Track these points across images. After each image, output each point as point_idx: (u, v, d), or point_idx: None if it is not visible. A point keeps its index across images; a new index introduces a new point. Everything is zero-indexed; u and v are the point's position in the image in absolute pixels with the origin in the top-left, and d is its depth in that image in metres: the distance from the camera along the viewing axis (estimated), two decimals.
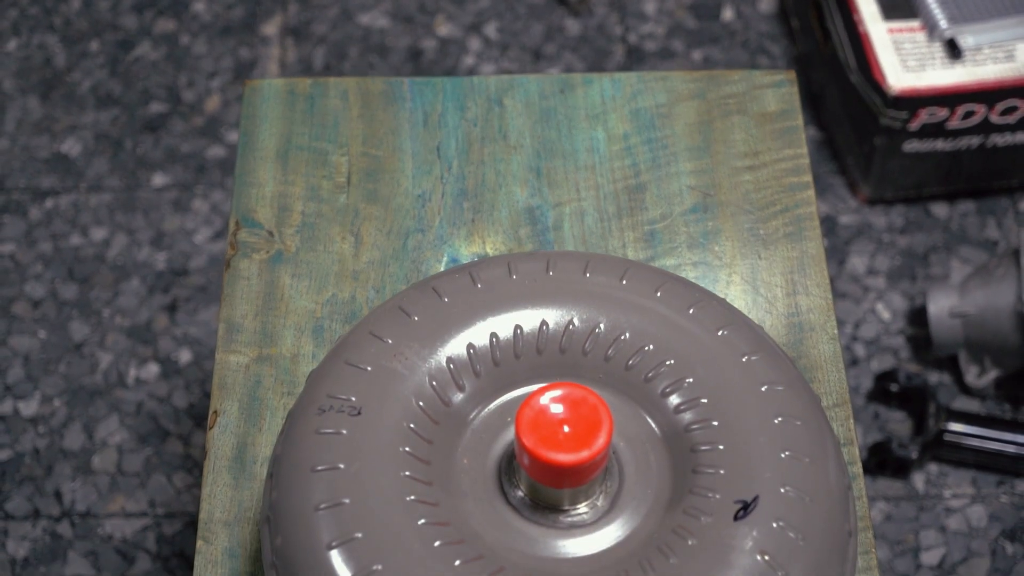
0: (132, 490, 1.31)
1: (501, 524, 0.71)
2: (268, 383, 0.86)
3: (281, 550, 0.70)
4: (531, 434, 0.67)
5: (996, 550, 1.30)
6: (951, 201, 1.55)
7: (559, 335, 0.75)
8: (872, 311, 1.45)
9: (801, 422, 0.72)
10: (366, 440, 0.71)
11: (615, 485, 0.72)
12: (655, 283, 0.77)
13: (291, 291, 0.90)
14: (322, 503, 0.69)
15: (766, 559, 0.67)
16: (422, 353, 0.74)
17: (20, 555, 1.28)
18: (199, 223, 1.50)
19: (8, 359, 1.40)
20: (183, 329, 1.42)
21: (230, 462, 0.83)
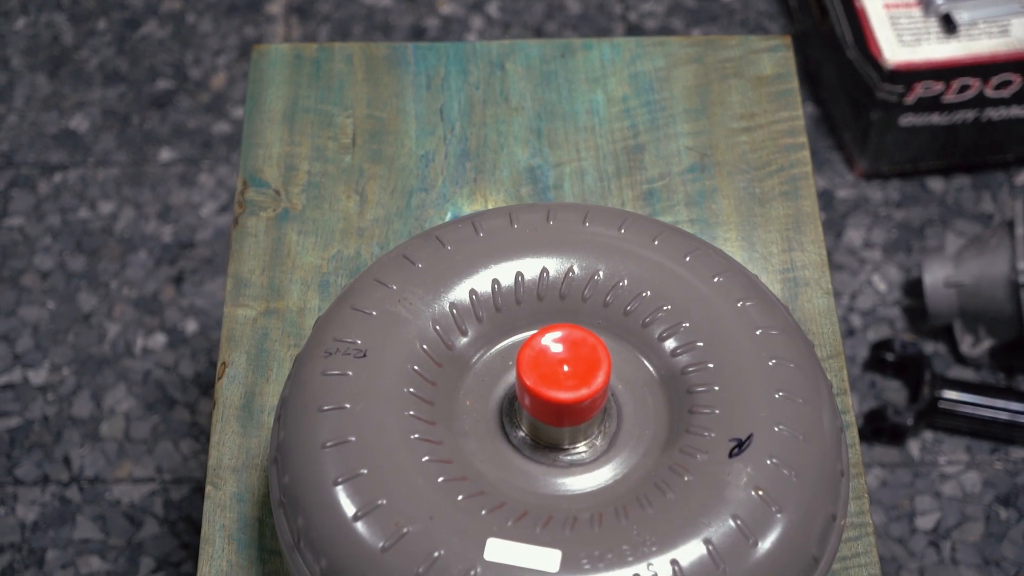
0: (139, 456, 1.33)
1: (502, 463, 0.73)
2: (275, 335, 0.88)
3: (288, 488, 0.71)
4: (532, 373, 0.69)
5: (990, 515, 1.32)
6: (947, 175, 1.57)
7: (559, 282, 0.77)
8: (868, 283, 1.47)
9: (795, 365, 0.74)
10: (371, 381, 0.73)
11: (613, 425, 0.74)
12: (653, 232, 0.79)
13: (297, 247, 0.92)
14: (328, 441, 0.71)
15: (760, 494, 0.69)
16: (426, 298, 0.76)
17: (29, 519, 1.30)
18: (205, 197, 1.52)
19: (17, 329, 1.43)
20: (189, 300, 1.44)
21: (238, 411, 0.85)
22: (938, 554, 1.29)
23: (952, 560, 1.29)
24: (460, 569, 0.66)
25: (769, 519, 0.68)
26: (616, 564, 0.67)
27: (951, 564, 1.29)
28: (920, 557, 1.29)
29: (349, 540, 0.68)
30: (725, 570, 0.67)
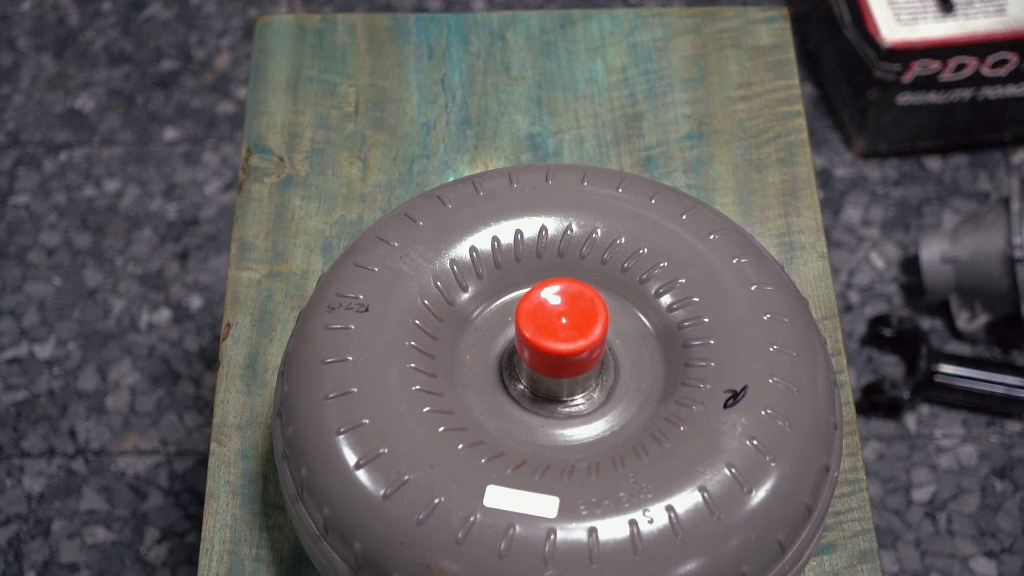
0: (144, 429, 1.35)
1: (502, 414, 0.74)
2: (279, 297, 0.89)
3: (292, 439, 0.73)
4: (531, 325, 0.71)
5: (986, 487, 1.33)
6: (944, 154, 1.58)
7: (558, 240, 0.78)
8: (866, 260, 1.49)
9: (789, 320, 0.75)
10: (373, 334, 0.74)
11: (611, 379, 0.76)
12: (649, 192, 0.80)
13: (301, 212, 0.93)
14: (331, 392, 0.72)
15: (755, 444, 0.70)
16: (427, 255, 0.77)
17: (36, 490, 1.32)
18: (209, 175, 1.54)
19: (24, 304, 1.44)
20: (194, 276, 1.46)
21: (242, 370, 0.87)
22: (934, 525, 1.31)
23: (948, 531, 1.30)
24: (460, 515, 0.68)
25: (763, 468, 0.70)
26: (613, 511, 0.68)
27: (947, 535, 1.30)
28: (916, 528, 1.30)
29: (351, 488, 0.69)
30: (720, 517, 0.68)
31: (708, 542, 0.68)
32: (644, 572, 0.67)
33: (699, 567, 0.68)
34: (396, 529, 0.68)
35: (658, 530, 0.68)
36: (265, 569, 0.79)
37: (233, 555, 0.80)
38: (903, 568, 1.28)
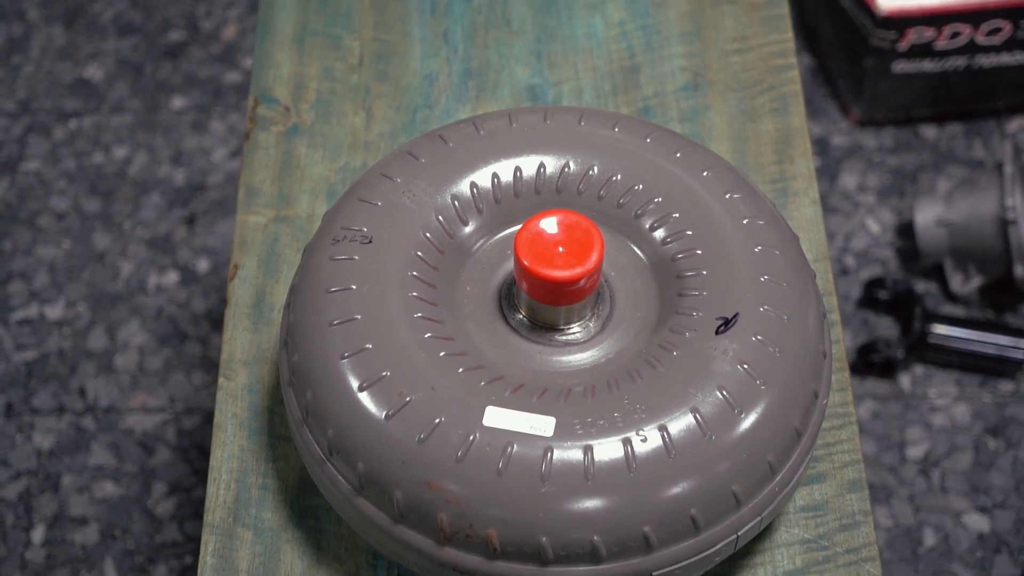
0: (152, 387, 1.37)
1: (501, 342, 0.77)
2: (285, 240, 0.92)
3: (297, 366, 0.75)
4: (529, 253, 0.73)
5: (979, 445, 1.35)
6: (939, 123, 1.60)
7: (555, 177, 0.81)
8: (862, 225, 1.51)
9: (779, 252, 0.77)
10: (377, 264, 0.76)
11: (606, 309, 0.78)
12: (645, 132, 0.82)
13: (306, 159, 0.95)
14: (335, 319, 0.74)
15: (745, 368, 0.72)
16: (429, 191, 0.79)
17: (45, 446, 1.34)
18: (216, 142, 1.56)
19: (34, 267, 1.47)
20: (201, 240, 1.48)
21: (249, 309, 0.89)
22: (927, 482, 1.33)
23: (941, 488, 1.32)
24: (460, 434, 0.70)
25: (754, 391, 0.72)
26: (608, 431, 0.70)
27: (940, 491, 1.32)
28: (910, 484, 1.32)
29: (354, 410, 0.72)
30: (712, 438, 0.70)
31: (700, 461, 0.70)
32: (638, 489, 0.69)
33: (691, 485, 0.70)
34: (398, 448, 0.70)
35: (651, 449, 0.70)
36: (271, 497, 0.82)
37: (240, 483, 0.82)
38: (897, 523, 1.30)
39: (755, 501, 0.73)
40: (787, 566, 0.79)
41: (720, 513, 0.71)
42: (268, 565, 0.79)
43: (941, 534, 1.29)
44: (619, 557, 0.71)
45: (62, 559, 1.28)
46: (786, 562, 0.80)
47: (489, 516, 0.69)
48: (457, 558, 0.71)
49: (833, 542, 0.80)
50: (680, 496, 0.70)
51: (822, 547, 0.80)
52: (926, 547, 1.29)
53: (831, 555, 0.80)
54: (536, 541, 0.70)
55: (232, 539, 0.80)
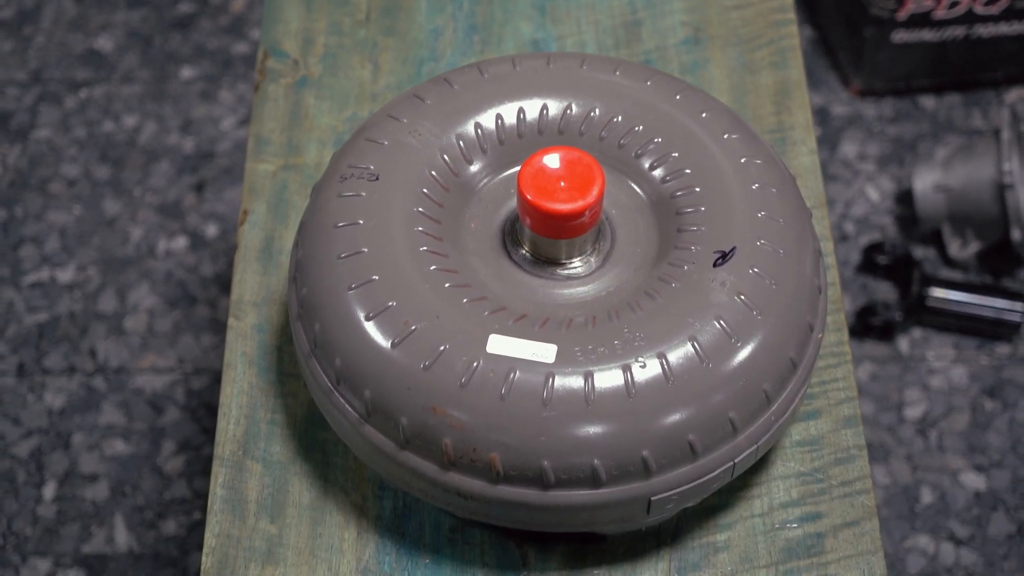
0: (162, 349, 1.40)
1: (505, 276, 0.79)
2: (294, 187, 0.94)
3: (306, 299, 0.77)
4: (532, 188, 0.75)
5: (975, 406, 1.37)
6: (938, 93, 1.62)
7: (558, 119, 0.83)
8: (862, 192, 1.53)
9: (776, 190, 0.79)
10: (383, 200, 0.78)
11: (607, 245, 0.80)
12: (645, 75, 0.84)
13: (315, 110, 0.97)
14: (343, 253, 0.76)
15: (742, 299, 0.74)
16: (434, 131, 0.82)
17: (57, 406, 1.37)
18: (225, 111, 1.59)
19: (45, 232, 1.49)
20: (210, 206, 1.51)
21: (259, 253, 0.91)
22: (925, 442, 1.35)
23: (939, 447, 1.34)
24: (464, 361, 0.72)
25: (751, 321, 0.74)
26: (608, 358, 0.72)
27: (937, 451, 1.34)
28: (908, 444, 1.34)
29: (361, 339, 0.74)
30: (709, 366, 0.72)
31: (698, 388, 0.72)
32: (637, 414, 0.71)
33: (689, 411, 0.72)
34: (403, 375, 0.72)
35: (650, 376, 0.72)
36: (279, 431, 0.84)
37: (250, 419, 0.84)
38: (895, 481, 1.32)
39: (751, 429, 0.75)
40: (783, 498, 0.81)
41: (717, 440, 0.73)
42: (276, 496, 0.81)
43: (938, 492, 1.31)
44: (619, 481, 0.72)
45: (73, 514, 1.30)
46: (782, 494, 0.82)
47: (492, 440, 0.71)
48: (461, 483, 0.73)
49: (828, 475, 0.82)
50: (678, 422, 0.72)
51: (817, 480, 0.82)
52: (923, 504, 1.31)
53: (826, 487, 0.82)
54: (538, 465, 0.71)
55: (242, 471, 0.82)
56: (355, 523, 0.81)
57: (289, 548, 0.80)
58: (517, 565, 0.79)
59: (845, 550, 0.79)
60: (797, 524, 0.80)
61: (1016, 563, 1.27)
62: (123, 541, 1.28)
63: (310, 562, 0.79)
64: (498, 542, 0.80)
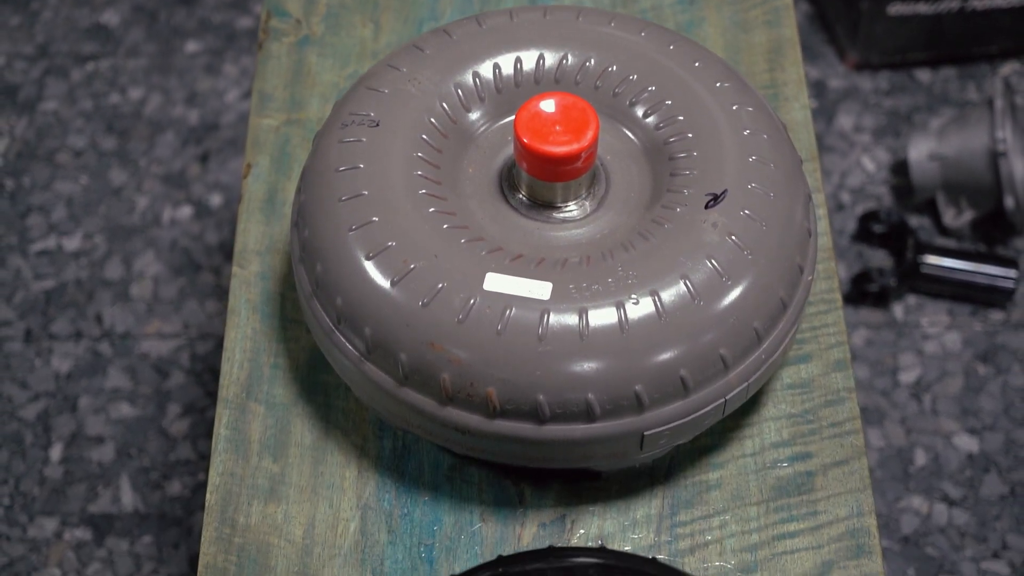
0: (167, 315, 1.42)
1: (501, 219, 0.81)
2: (296, 141, 0.96)
3: (308, 241, 0.79)
4: (528, 131, 0.77)
5: (969, 371, 1.39)
6: (934, 67, 1.64)
7: (554, 68, 0.85)
8: (858, 163, 1.55)
9: (767, 136, 0.81)
10: (383, 145, 0.80)
11: (602, 189, 0.82)
12: (639, 27, 0.86)
13: (317, 67, 0.99)
14: (344, 195, 0.78)
15: (733, 239, 0.76)
16: (434, 79, 0.83)
17: (64, 370, 1.39)
18: (229, 84, 1.61)
19: (52, 201, 1.51)
20: (214, 176, 1.53)
21: (262, 204, 0.93)
22: (919, 405, 1.36)
23: (933, 411, 1.36)
24: (461, 298, 0.74)
25: (741, 261, 0.75)
26: (602, 295, 0.74)
27: (931, 414, 1.36)
28: (902, 408, 1.36)
29: (362, 278, 0.76)
30: (701, 304, 0.74)
31: (690, 325, 0.74)
32: (630, 350, 0.73)
33: (681, 348, 0.74)
34: (403, 313, 0.74)
35: (643, 312, 0.74)
36: (282, 375, 0.86)
37: (253, 363, 0.86)
38: (889, 443, 1.34)
39: (742, 367, 0.76)
40: (774, 438, 0.83)
41: (709, 376, 0.75)
42: (279, 437, 0.83)
43: (932, 454, 1.33)
44: (612, 415, 0.74)
45: (79, 475, 1.32)
46: (773, 434, 0.83)
47: (489, 375, 0.73)
48: (459, 418, 0.75)
49: (818, 416, 0.84)
50: (670, 358, 0.74)
51: (808, 421, 0.84)
52: (917, 466, 1.32)
53: (816, 428, 0.83)
54: (533, 399, 0.73)
55: (245, 413, 0.84)
56: (355, 463, 0.83)
57: (291, 486, 0.82)
58: (514, 502, 0.81)
59: (834, 488, 0.81)
60: (787, 463, 0.82)
61: (1008, 523, 1.28)
62: (129, 501, 1.30)
63: (312, 499, 0.81)
64: (495, 480, 0.82)
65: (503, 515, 0.81)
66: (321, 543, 0.80)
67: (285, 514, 0.81)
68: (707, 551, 0.79)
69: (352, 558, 0.79)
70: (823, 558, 0.79)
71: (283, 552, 0.79)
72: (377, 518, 0.81)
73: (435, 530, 0.80)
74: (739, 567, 0.79)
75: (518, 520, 0.81)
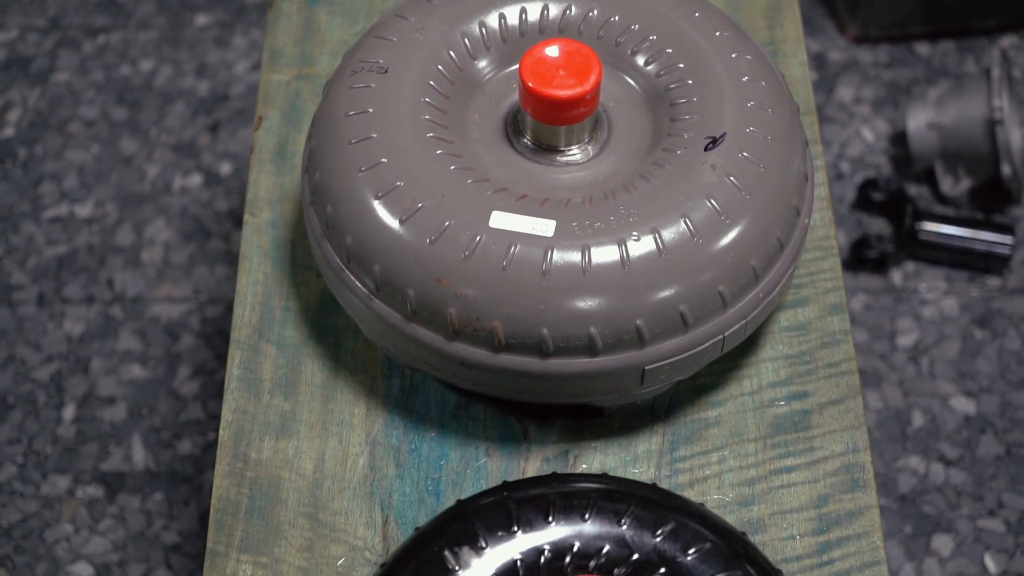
0: (178, 279, 1.44)
1: (507, 163, 0.83)
2: (306, 95, 0.98)
3: (318, 183, 0.81)
4: (533, 75, 0.79)
5: (966, 335, 1.41)
6: (933, 40, 1.66)
7: (558, 18, 0.87)
8: (857, 134, 1.57)
9: (765, 83, 0.84)
10: (392, 91, 0.83)
11: (604, 134, 0.84)
12: None
13: (327, 25, 1.02)
14: (353, 138, 0.81)
15: (732, 180, 0.78)
16: (441, 28, 0.86)
17: (76, 333, 1.41)
18: (239, 56, 1.63)
19: (64, 169, 1.53)
20: (224, 146, 1.55)
21: (273, 155, 0.95)
22: (917, 368, 1.39)
23: (930, 374, 1.38)
24: (468, 235, 0.76)
25: (740, 201, 0.78)
26: (604, 232, 0.76)
27: (929, 377, 1.38)
28: (900, 370, 1.38)
29: (371, 217, 0.78)
30: (700, 241, 0.76)
31: (689, 262, 0.76)
32: (631, 285, 0.75)
33: (681, 284, 0.76)
34: (411, 250, 0.77)
35: (644, 250, 0.76)
36: (293, 317, 0.88)
37: (264, 306, 0.89)
38: (887, 405, 1.36)
39: (740, 304, 0.79)
40: (771, 378, 0.86)
41: (708, 312, 0.77)
42: (290, 376, 0.86)
43: (929, 416, 1.35)
44: (614, 350, 0.77)
45: (92, 435, 1.35)
46: (771, 374, 0.86)
47: (494, 310, 0.76)
48: (465, 352, 0.77)
49: (815, 357, 0.86)
50: (670, 293, 0.76)
51: (804, 361, 0.86)
52: (914, 427, 1.35)
53: (813, 368, 0.86)
54: (537, 333, 0.76)
55: (257, 353, 0.87)
56: (364, 401, 0.85)
57: (302, 423, 0.84)
58: (518, 438, 0.84)
59: (830, 425, 0.84)
60: (785, 402, 0.85)
61: (1004, 482, 1.31)
62: (140, 459, 1.33)
63: (322, 435, 0.84)
64: (500, 418, 0.84)
65: (508, 450, 0.83)
66: (331, 476, 0.82)
67: (296, 449, 0.83)
68: (706, 485, 0.82)
69: (361, 491, 0.82)
70: (819, 492, 0.81)
71: (294, 485, 0.82)
72: (385, 453, 0.83)
73: (442, 464, 0.83)
74: (737, 500, 0.81)
75: (522, 455, 0.83)
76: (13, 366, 1.39)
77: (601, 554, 0.71)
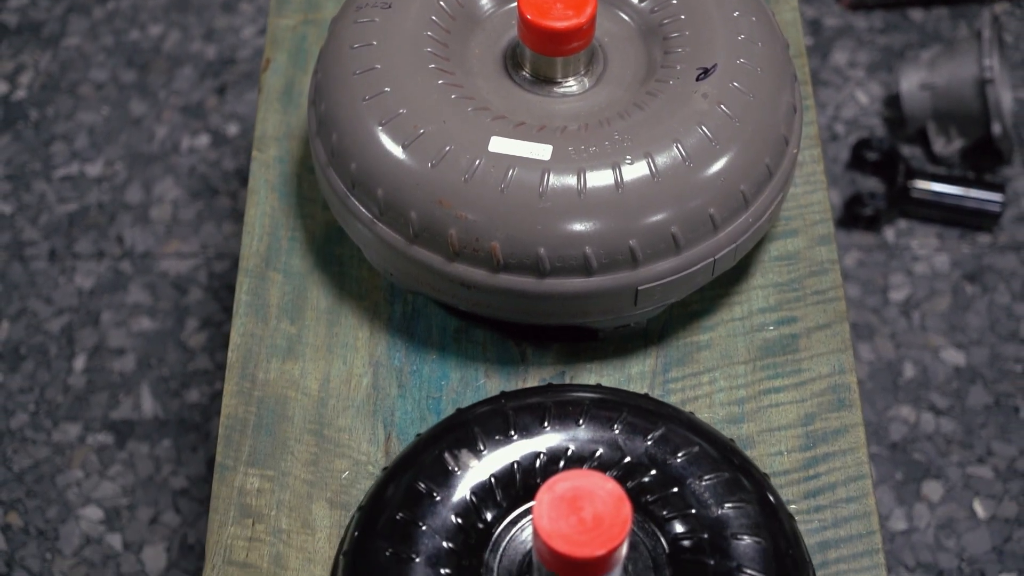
0: (186, 236, 1.47)
1: (506, 93, 0.86)
2: (313, 39, 1.01)
3: (324, 114, 0.85)
4: (531, 7, 0.82)
5: (957, 290, 1.44)
6: (927, 7, 1.69)
7: None
8: (852, 97, 1.60)
9: (756, 18, 0.87)
10: (395, 25, 0.86)
11: (600, 67, 0.87)
12: None
13: None
14: (358, 70, 0.84)
15: (723, 108, 0.81)
16: None
17: (86, 287, 1.44)
18: (246, 21, 1.66)
19: (74, 130, 1.57)
20: (231, 107, 1.58)
21: (280, 95, 0.98)
22: (908, 322, 1.42)
23: (921, 327, 1.41)
24: (467, 159, 0.79)
25: (730, 128, 0.81)
26: (599, 156, 0.79)
27: (920, 330, 1.41)
28: (892, 324, 1.41)
29: (375, 144, 0.81)
30: (691, 166, 0.79)
31: (681, 186, 0.79)
32: (625, 207, 0.78)
33: (673, 207, 0.79)
34: (413, 174, 0.80)
35: (638, 174, 0.79)
36: (299, 247, 0.91)
37: (272, 236, 0.92)
38: (879, 357, 1.39)
39: (730, 228, 0.82)
40: (761, 304, 0.89)
41: (699, 235, 0.81)
42: (296, 302, 0.89)
43: (920, 367, 1.38)
44: (608, 270, 0.80)
45: (101, 384, 1.38)
46: (761, 301, 0.89)
47: (493, 230, 0.79)
48: (465, 272, 0.81)
49: (803, 285, 0.89)
50: (663, 216, 0.79)
51: (793, 289, 0.89)
52: (906, 378, 1.38)
53: (801, 295, 0.89)
54: (534, 253, 0.79)
55: (264, 280, 0.90)
56: (368, 325, 0.88)
57: (308, 345, 0.87)
58: (516, 361, 0.87)
59: (817, 348, 0.87)
60: (774, 327, 0.88)
61: (993, 431, 1.34)
62: (149, 408, 1.36)
63: (327, 357, 0.87)
64: (499, 341, 0.87)
65: (506, 371, 0.86)
66: (336, 396, 0.85)
67: (302, 370, 0.86)
68: (697, 404, 0.85)
69: (365, 409, 0.85)
70: (806, 411, 0.84)
71: (300, 404, 0.85)
72: (388, 374, 0.86)
73: (442, 385, 0.86)
74: (727, 418, 0.84)
75: (520, 376, 0.86)
76: (25, 318, 1.42)
77: (594, 457, 0.74)
